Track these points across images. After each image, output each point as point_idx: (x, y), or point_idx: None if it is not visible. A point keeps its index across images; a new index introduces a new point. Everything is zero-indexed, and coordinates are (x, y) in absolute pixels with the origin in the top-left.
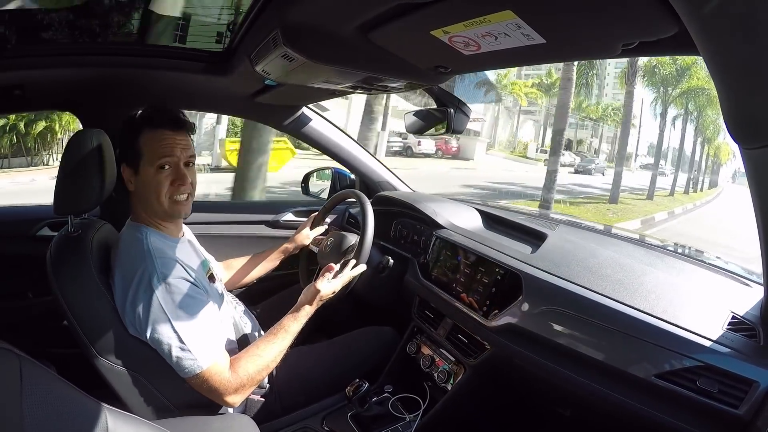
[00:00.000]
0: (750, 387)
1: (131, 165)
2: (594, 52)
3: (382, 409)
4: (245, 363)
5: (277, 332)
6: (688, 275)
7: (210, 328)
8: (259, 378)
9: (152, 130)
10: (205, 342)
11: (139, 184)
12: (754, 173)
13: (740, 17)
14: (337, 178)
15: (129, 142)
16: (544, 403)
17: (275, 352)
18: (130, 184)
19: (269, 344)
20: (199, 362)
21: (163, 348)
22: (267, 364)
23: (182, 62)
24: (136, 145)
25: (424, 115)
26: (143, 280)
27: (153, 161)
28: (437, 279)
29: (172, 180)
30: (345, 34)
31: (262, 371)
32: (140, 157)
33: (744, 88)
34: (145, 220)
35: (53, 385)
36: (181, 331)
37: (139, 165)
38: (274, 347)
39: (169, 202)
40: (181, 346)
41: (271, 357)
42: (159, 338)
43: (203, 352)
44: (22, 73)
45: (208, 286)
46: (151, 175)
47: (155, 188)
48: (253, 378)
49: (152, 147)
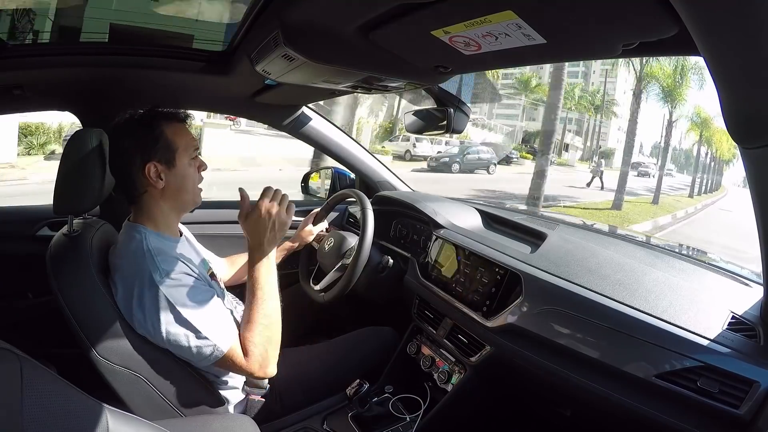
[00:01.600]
0: (750, 387)
1: (164, 160)
2: (594, 52)
3: (382, 409)
4: (246, 337)
5: (251, 293)
6: (688, 275)
7: (220, 313)
8: (270, 337)
9: (177, 123)
10: (219, 326)
11: (175, 177)
12: (754, 173)
13: (740, 17)
14: (337, 177)
15: (154, 138)
16: (545, 403)
17: (265, 308)
18: (159, 181)
19: (253, 307)
20: (219, 346)
21: (181, 342)
22: (264, 324)
23: (182, 62)
24: (165, 140)
25: (423, 115)
26: (146, 279)
27: (187, 151)
28: (437, 279)
29: (198, 167)
30: (345, 34)
31: (265, 331)
32: (175, 150)
33: (744, 88)
34: (150, 220)
35: (53, 385)
36: (195, 321)
37: (175, 158)
38: (259, 306)
39: (197, 190)
40: (198, 335)
41: (262, 314)
42: (175, 333)
43: (220, 336)
44: (22, 73)
45: (210, 282)
46: (186, 166)
47: (191, 177)
48: (264, 343)
49: (183, 139)
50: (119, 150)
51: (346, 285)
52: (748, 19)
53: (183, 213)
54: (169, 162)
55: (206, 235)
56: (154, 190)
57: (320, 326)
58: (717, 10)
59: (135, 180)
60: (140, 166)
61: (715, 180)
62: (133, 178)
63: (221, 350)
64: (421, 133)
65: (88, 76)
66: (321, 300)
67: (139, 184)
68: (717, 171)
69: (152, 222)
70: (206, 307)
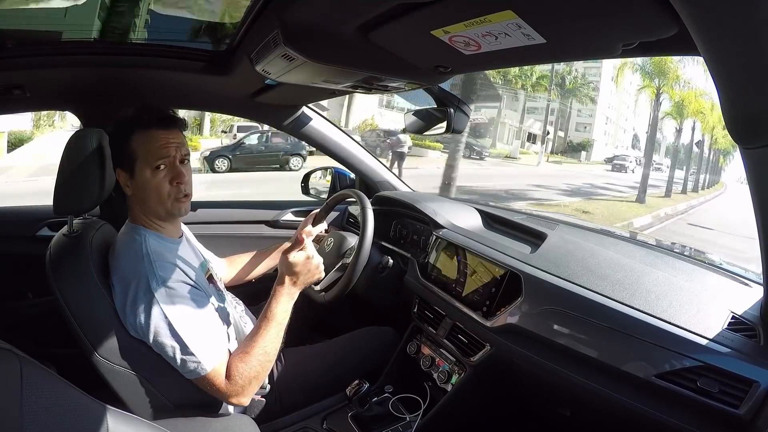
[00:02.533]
0: (750, 387)
1: (126, 169)
2: (594, 52)
3: (382, 409)
4: (237, 365)
5: (262, 324)
6: (688, 275)
7: (212, 329)
8: (257, 375)
9: (144, 130)
10: (207, 344)
11: (137, 187)
12: (754, 173)
13: (740, 17)
14: (337, 177)
15: (121, 145)
16: (544, 402)
17: (266, 345)
18: (127, 188)
19: (258, 339)
20: (203, 365)
21: (167, 351)
22: (260, 360)
23: (182, 62)
24: (129, 148)
25: (424, 115)
26: (142, 284)
27: (149, 162)
28: (437, 279)
29: (170, 179)
30: (345, 34)
31: (257, 367)
32: (135, 160)
33: (744, 88)
34: (144, 222)
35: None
36: (184, 335)
37: (135, 168)
38: (263, 340)
39: (170, 201)
40: (184, 350)
41: (262, 351)
42: (162, 342)
43: (206, 354)
44: (22, 73)
45: (207, 287)
46: (149, 177)
47: (155, 189)
48: (250, 378)
49: (146, 148)
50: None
51: (346, 285)
52: (748, 19)
53: (165, 220)
54: (130, 171)
55: (206, 236)
56: (129, 196)
57: (320, 326)
58: (717, 10)
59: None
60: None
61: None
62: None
63: (204, 369)
64: (421, 133)
65: (88, 76)
66: (321, 300)
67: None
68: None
69: (147, 223)
70: (198, 323)
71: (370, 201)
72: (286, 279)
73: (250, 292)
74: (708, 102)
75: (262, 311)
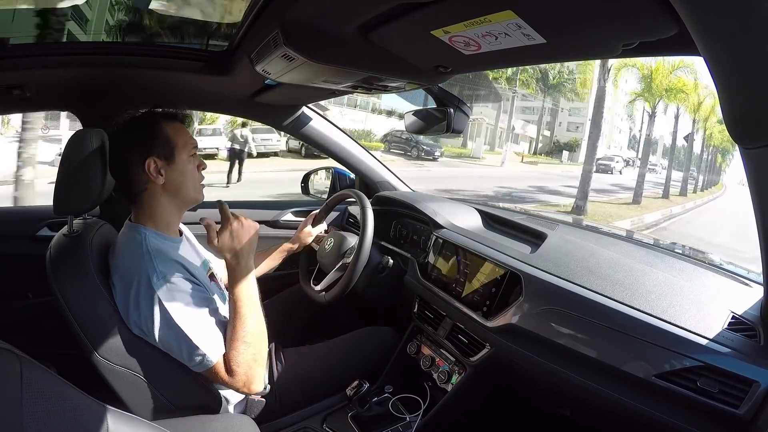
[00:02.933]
0: (750, 387)
1: (163, 156)
2: (594, 52)
3: (382, 409)
4: (229, 356)
5: (232, 308)
6: (688, 275)
7: (215, 322)
8: (254, 355)
9: (173, 122)
10: (212, 336)
11: (174, 173)
12: (754, 173)
13: (740, 17)
14: (337, 178)
15: (153, 135)
16: (544, 403)
17: (246, 324)
18: (159, 177)
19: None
20: (209, 357)
21: (173, 347)
22: (246, 341)
23: (182, 62)
24: (164, 136)
25: (423, 115)
26: (143, 281)
27: (186, 148)
28: (437, 279)
29: (197, 165)
30: (345, 34)
31: (249, 349)
32: (174, 147)
33: (744, 88)
34: (149, 219)
35: (53, 385)
36: (187, 329)
37: (175, 154)
38: (241, 322)
39: (199, 186)
40: (189, 344)
41: (244, 332)
42: (167, 338)
43: (212, 346)
44: (21, 73)
45: (209, 285)
46: (185, 162)
47: (191, 174)
48: (247, 362)
49: (181, 136)
50: (119, 148)
51: (346, 285)
52: (747, 19)
53: (184, 210)
54: (168, 157)
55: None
56: (154, 187)
57: (320, 326)
58: (717, 11)
59: (135, 177)
60: (140, 162)
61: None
62: (133, 176)
63: (210, 360)
64: (421, 134)
65: (88, 76)
66: (321, 300)
67: (139, 181)
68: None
69: (153, 221)
70: (200, 316)
71: (369, 201)
72: (227, 256)
73: None
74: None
75: (228, 298)
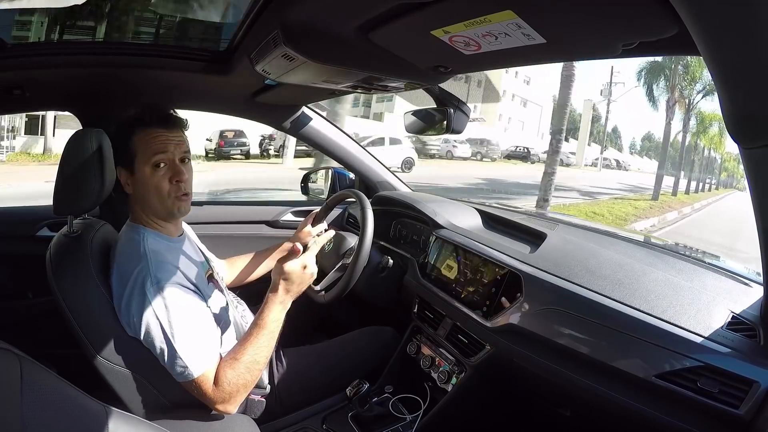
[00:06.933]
0: (750, 387)
1: (126, 166)
2: (594, 52)
3: (382, 409)
4: (225, 372)
5: (253, 331)
6: (688, 275)
7: (204, 334)
8: (246, 383)
9: (144, 129)
10: (197, 349)
11: (137, 184)
12: (754, 173)
13: (740, 17)
14: (337, 178)
15: (122, 143)
16: (545, 403)
17: (256, 353)
18: (127, 186)
19: (248, 346)
20: (190, 370)
21: (156, 352)
22: (248, 368)
23: (182, 62)
24: (130, 145)
25: (423, 115)
26: (137, 283)
27: (148, 160)
28: (437, 279)
29: (170, 177)
30: (345, 34)
31: (246, 375)
32: (134, 157)
33: (744, 88)
34: (144, 221)
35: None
36: (173, 338)
37: (134, 165)
38: (254, 348)
39: (170, 200)
40: (172, 353)
41: (252, 359)
42: (152, 342)
43: (195, 360)
44: (22, 73)
45: (206, 287)
46: (148, 175)
47: (155, 187)
48: (238, 385)
49: (145, 145)
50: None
51: (345, 285)
52: (748, 19)
53: (165, 219)
54: (130, 169)
55: (206, 235)
56: (130, 195)
57: (320, 326)
58: (717, 10)
59: (119, 182)
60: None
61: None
62: (118, 180)
63: (191, 374)
64: (421, 134)
65: (88, 76)
66: (321, 300)
67: (122, 186)
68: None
69: (146, 223)
70: (190, 327)
71: (369, 201)
72: (280, 287)
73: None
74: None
75: (254, 318)
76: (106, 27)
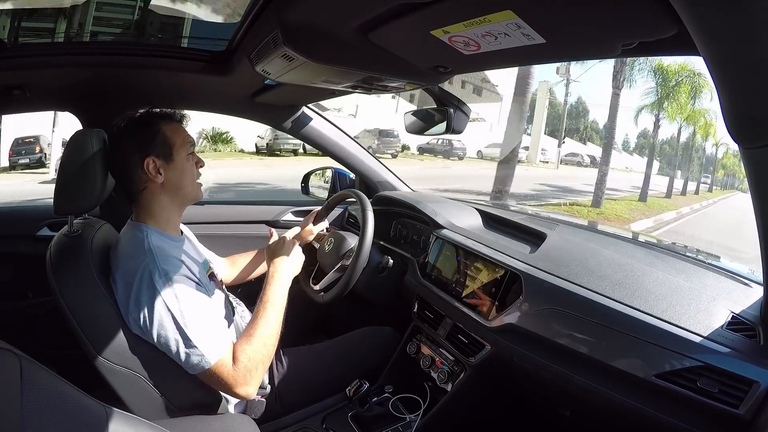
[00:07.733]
0: (750, 387)
1: (162, 155)
2: (594, 52)
3: (382, 409)
4: (243, 348)
5: (260, 308)
6: (688, 275)
7: (215, 323)
8: (263, 358)
9: (171, 122)
10: (211, 337)
11: (174, 171)
12: (754, 173)
13: (741, 17)
14: (337, 178)
15: (152, 135)
16: (544, 403)
17: (266, 328)
18: (159, 176)
19: (258, 321)
20: (207, 358)
21: (170, 347)
22: (265, 341)
23: (182, 62)
24: (162, 136)
25: (423, 115)
26: (145, 278)
27: (184, 147)
28: (437, 279)
29: (195, 162)
30: (345, 34)
31: (262, 350)
32: (173, 146)
33: (744, 88)
34: (149, 218)
35: (54, 385)
36: (187, 329)
37: (174, 153)
38: (264, 322)
39: (196, 184)
40: (188, 344)
41: (267, 332)
42: (165, 336)
43: (210, 347)
44: (22, 73)
45: (208, 284)
46: (184, 160)
47: (189, 172)
48: (256, 361)
49: (179, 136)
50: (119, 148)
51: (345, 285)
52: (748, 19)
53: (183, 208)
54: (167, 157)
55: (207, 235)
56: (153, 186)
57: (320, 326)
58: (717, 10)
59: (134, 177)
60: (139, 162)
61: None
62: (133, 176)
63: (208, 361)
64: (421, 134)
65: (88, 76)
66: (320, 300)
67: (138, 180)
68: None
69: (154, 219)
70: (201, 315)
71: (370, 201)
72: (271, 265)
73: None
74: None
75: (259, 297)
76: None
